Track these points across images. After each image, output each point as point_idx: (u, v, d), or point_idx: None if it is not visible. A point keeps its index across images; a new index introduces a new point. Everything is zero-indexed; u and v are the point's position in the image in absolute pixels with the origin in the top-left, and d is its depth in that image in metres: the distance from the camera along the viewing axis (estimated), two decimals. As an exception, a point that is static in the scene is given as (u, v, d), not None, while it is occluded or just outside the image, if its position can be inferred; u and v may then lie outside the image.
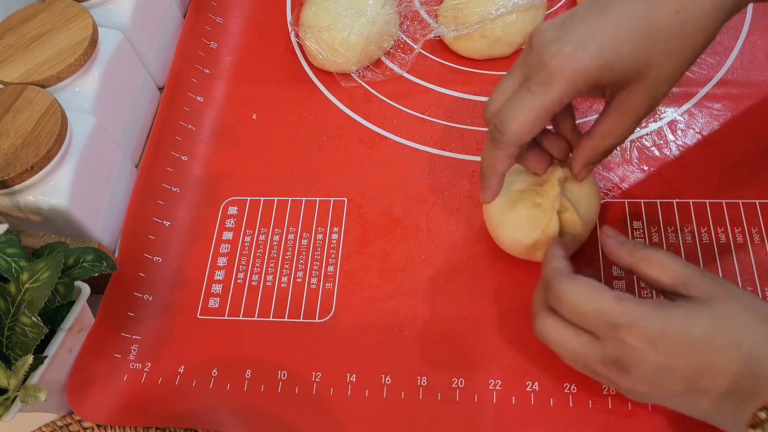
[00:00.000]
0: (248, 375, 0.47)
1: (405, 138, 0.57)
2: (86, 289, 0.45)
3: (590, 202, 0.46)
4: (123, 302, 0.50)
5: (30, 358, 0.38)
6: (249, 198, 0.55)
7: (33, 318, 0.39)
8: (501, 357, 0.45)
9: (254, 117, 0.60)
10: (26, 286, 0.40)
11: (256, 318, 0.49)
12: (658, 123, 0.55)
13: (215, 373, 0.47)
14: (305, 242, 0.52)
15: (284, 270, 0.51)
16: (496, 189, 0.42)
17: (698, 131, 0.54)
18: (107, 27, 0.55)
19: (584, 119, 0.56)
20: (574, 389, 0.44)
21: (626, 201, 0.51)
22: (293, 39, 0.64)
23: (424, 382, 0.45)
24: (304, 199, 0.55)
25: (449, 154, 0.56)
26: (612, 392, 0.43)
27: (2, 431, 0.45)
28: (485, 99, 0.57)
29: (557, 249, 0.41)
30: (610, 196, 0.51)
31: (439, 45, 0.63)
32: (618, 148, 0.54)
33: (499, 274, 0.49)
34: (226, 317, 0.50)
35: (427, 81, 0.61)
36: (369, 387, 0.45)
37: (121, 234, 0.53)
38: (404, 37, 0.63)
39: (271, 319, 0.49)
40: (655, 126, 0.55)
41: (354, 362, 0.47)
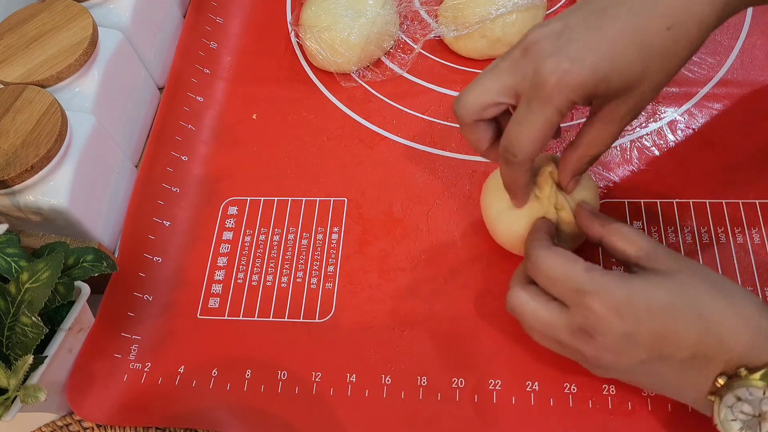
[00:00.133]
0: (248, 375, 0.47)
1: (405, 138, 0.57)
2: (86, 289, 0.45)
3: (588, 201, 0.46)
4: (123, 302, 0.50)
5: (30, 358, 0.38)
6: (249, 198, 0.55)
7: (33, 318, 0.39)
8: (501, 357, 0.46)
9: (254, 117, 0.60)
10: (26, 286, 0.40)
11: (256, 318, 0.49)
12: (658, 123, 0.55)
13: (215, 373, 0.47)
14: (305, 242, 0.52)
15: (284, 270, 0.51)
16: (525, 196, 0.44)
17: (698, 131, 0.54)
18: (107, 27, 0.55)
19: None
20: (574, 389, 0.44)
21: (626, 201, 0.51)
22: (293, 39, 0.64)
23: (424, 382, 0.45)
24: (304, 199, 0.55)
25: (449, 154, 0.56)
26: (612, 392, 0.43)
27: (2, 431, 0.45)
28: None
29: (542, 224, 0.43)
30: (610, 196, 0.51)
31: (439, 45, 0.63)
32: (618, 148, 0.54)
33: (499, 274, 0.49)
34: (226, 317, 0.50)
35: (427, 81, 0.61)
36: (369, 387, 0.45)
37: (121, 234, 0.53)
38: (404, 37, 0.63)
39: (271, 319, 0.49)
40: (655, 126, 0.55)
41: (354, 362, 0.47)
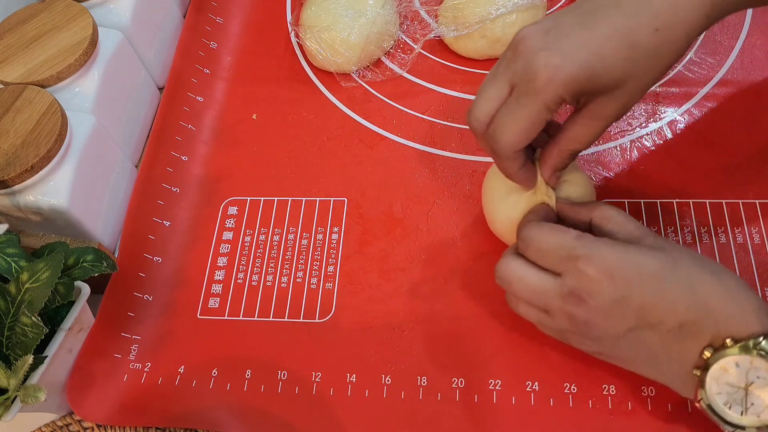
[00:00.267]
0: (248, 375, 0.47)
1: (405, 138, 0.57)
2: (86, 289, 0.45)
3: (582, 195, 0.45)
4: (123, 302, 0.50)
5: (30, 358, 0.38)
6: (249, 198, 0.55)
7: (33, 318, 0.39)
8: (501, 357, 0.46)
9: (254, 117, 0.60)
10: (26, 286, 0.40)
11: (256, 318, 0.49)
12: (658, 123, 0.55)
13: (215, 373, 0.47)
14: (305, 242, 0.52)
15: (284, 270, 0.51)
16: (525, 180, 0.43)
17: (698, 131, 0.54)
18: (107, 27, 0.55)
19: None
20: (574, 389, 0.44)
21: (626, 201, 0.51)
22: (293, 39, 0.64)
23: (424, 382, 0.45)
24: (304, 199, 0.55)
25: (449, 154, 0.56)
26: (612, 392, 0.43)
27: (2, 431, 0.45)
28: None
29: (538, 209, 0.43)
30: (610, 196, 0.51)
31: (439, 45, 0.63)
32: (618, 148, 0.54)
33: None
34: (226, 317, 0.50)
35: (427, 81, 0.61)
36: (369, 387, 0.45)
37: (121, 234, 0.53)
38: (404, 37, 0.63)
39: (271, 319, 0.49)
40: (655, 126, 0.55)
41: (354, 362, 0.47)
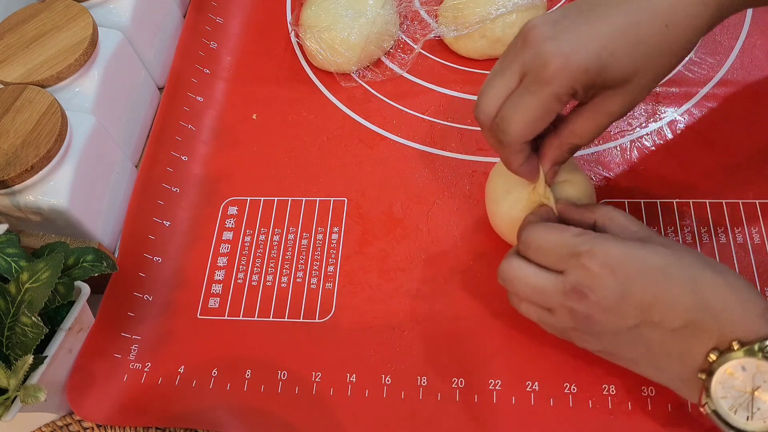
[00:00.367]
0: (248, 375, 0.47)
1: (405, 138, 0.57)
2: (86, 289, 0.45)
3: (582, 196, 0.45)
4: (123, 302, 0.50)
5: (30, 358, 0.38)
6: (249, 198, 0.55)
7: (33, 318, 0.39)
8: (501, 357, 0.46)
9: (254, 117, 0.60)
10: (26, 286, 0.40)
11: (256, 318, 0.49)
12: (658, 123, 0.55)
13: (215, 373, 0.47)
14: (305, 242, 0.52)
15: (284, 270, 0.51)
16: (528, 173, 0.42)
17: (698, 131, 0.54)
18: (107, 27, 0.55)
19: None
20: (574, 389, 0.44)
21: (626, 201, 0.51)
22: (293, 39, 0.64)
23: (424, 382, 0.45)
24: (304, 199, 0.55)
25: (449, 154, 0.56)
26: (612, 392, 0.43)
27: (2, 431, 0.45)
28: (485, 99, 0.58)
29: (540, 210, 0.43)
30: (610, 196, 0.51)
31: (439, 45, 0.63)
32: (618, 148, 0.54)
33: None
34: (226, 317, 0.50)
35: (427, 81, 0.61)
36: (369, 387, 0.45)
37: (121, 234, 0.53)
38: (404, 37, 0.63)
39: (271, 319, 0.49)
40: (655, 126, 0.55)
41: (354, 362, 0.47)
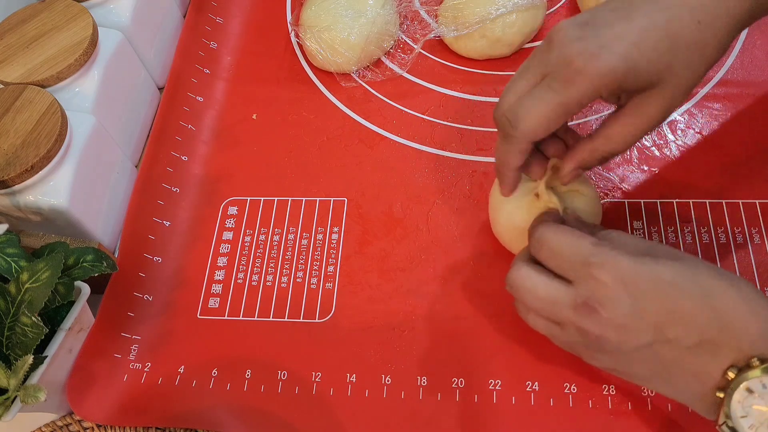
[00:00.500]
0: (248, 375, 0.47)
1: (405, 138, 0.57)
2: (86, 289, 0.45)
3: (589, 210, 0.45)
4: (123, 302, 0.50)
5: (30, 358, 0.38)
6: (249, 198, 0.55)
7: (33, 318, 0.39)
8: (501, 357, 0.46)
9: (254, 117, 0.60)
10: (26, 286, 0.40)
11: (256, 318, 0.49)
12: (658, 123, 0.55)
13: (215, 373, 0.47)
14: (305, 242, 0.52)
15: (284, 270, 0.51)
16: (513, 183, 0.42)
17: (698, 131, 0.54)
18: (107, 27, 0.55)
19: (582, 119, 0.56)
20: (574, 389, 0.44)
21: (626, 201, 0.51)
22: (293, 39, 0.64)
23: (424, 382, 0.45)
24: (304, 199, 0.55)
25: (449, 154, 0.56)
26: (612, 392, 0.43)
27: (2, 431, 0.45)
28: (485, 99, 0.58)
29: (550, 212, 0.42)
30: (610, 196, 0.51)
31: (439, 45, 0.63)
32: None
33: (500, 274, 0.48)
34: (226, 317, 0.50)
35: (427, 81, 0.61)
36: (369, 387, 0.45)
37: (121, 234, 0.53)
38: (404, 37, 0.63)
39: (271, 319, 0.49)
40: (655, 126, 0.55)
41: (354, 362, 0.47)
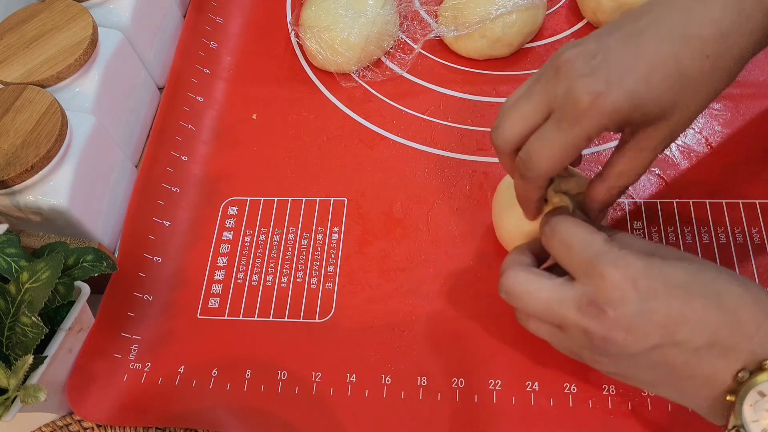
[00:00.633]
0: (248, 375, 0.47)
1: (405, 138, 0.57)
2: (86, 289, 0.45)
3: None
4: (123, 302, 0.50)
5: (30, 358, 0.38)
6: (249, 198, 0.55)
7: (33, 318, 0.39)
8: (501, 357, 0.46)
9: (254, 117, 0.60)
10: (26, 286, 0.40)
11: (256, 318, 0.49)
12: (658, 123, 0.55)
13: (215, 373, 0.47)
14: (305, 242, 0.52)
15: (284, 270, 0.51)
16: (537, 211, 0.42)
17: (698, 131, 0.54)
18: (107, 27, 0.55)
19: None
20: (574, 389, 0.44)
21: (626, 201, 0.51)
22: (293, 39, 0.64)
23: (424, 382, 0.45)
24: (304, 199, 0.55)
25: (449, 154, 0.56)
26: (612, 392, 0.43)
27: (2, 431, 0.45)
28: (485, 99, 0.58)
29: (563, 209, 0.41)
30: (610, 196, 0.51)
31: (439, 45, 0.63)
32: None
33: (499, 274, 0.49)
34: (226, 317, 0.50)
35: (427, 81, 0.61)
36: (369, 387, 0.45)
37: (121, 234, 0.53)
38: (404, 37, 0.63)
39: (271, 319, 0.49)
40: (655, 126, 0.55)
41: (354, 362, 0.47)
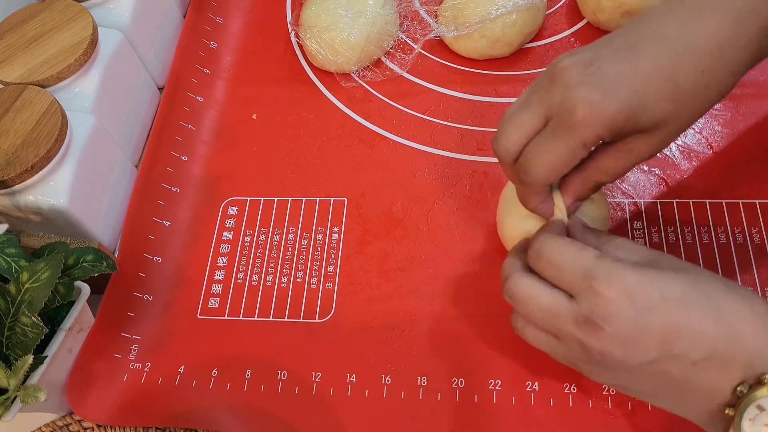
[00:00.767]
0: (248, 375, 0.47)
1: (405, 138, 0.57)
2: (86, 289, 0.45)
3: (598, 214, 0.45)
4: (123, 302, 0.50)
5: (30, 358, 0.38)
6: (249, 198, 0.55)
7: (33, 318, 0.39)
8: (501, 357, 0.46)
9: (254, 117, 0.60)
10: (26, 286, 0.40)
11: (256, 318, 0.49)
12: (658, 123, 0.55)
13: (215, 373, 0.47)
14: (305, 242, 0.52)
15: (284, 270, 0.51)
16: (545, 211, 0.41)
17: (698, 131, 0.54)
18: (107, 27, 0.55)
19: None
20: (574, 389, 0.44)
21: (626, 201, 0.51)
22: (293, 39, 0.64)
23: (424, 382, 0.45)
24: (304, 199, 0.55)
25: (449, 154, 0.56)
26: (612, 392, 0.43)
27: (2, 431, 0.45)
28: (485, 99, 0.58)
29: (552, 225, 0.41)
30: (611, 197, 0.51)
31: (439, 45, 0.63)
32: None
33: (500, 275, 0.48)
34: (226, 317, 0.50)
35: (427, 81, 0.61)
36: (369, 387, 0.45)
37: (121, 234, 0.53)
38: (404, 37, 0.63)
39: (271, 319, 0.49)
40: (655, 126, 0.55)
41: (354, 362, 0.47)
